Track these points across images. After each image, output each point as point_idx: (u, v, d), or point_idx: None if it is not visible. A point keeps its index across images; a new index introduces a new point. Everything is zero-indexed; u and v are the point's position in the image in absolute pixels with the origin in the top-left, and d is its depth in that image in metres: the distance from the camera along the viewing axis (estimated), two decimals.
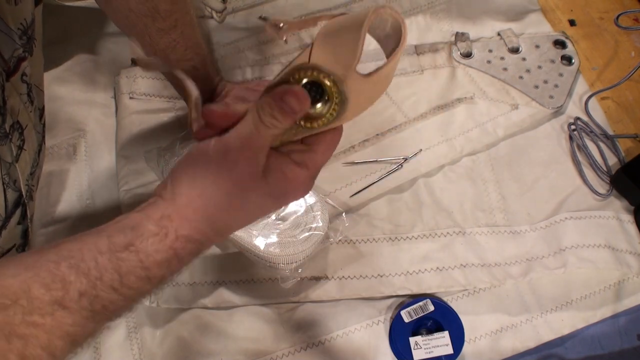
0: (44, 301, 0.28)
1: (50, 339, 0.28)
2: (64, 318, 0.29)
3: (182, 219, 0.32)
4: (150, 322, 0.54)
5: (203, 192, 0.32)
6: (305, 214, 0.55)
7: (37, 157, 0.53)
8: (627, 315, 0.57)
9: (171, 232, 0.32)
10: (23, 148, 0.48)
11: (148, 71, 0.64)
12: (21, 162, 0.48)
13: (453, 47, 0.70)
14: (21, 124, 0.47)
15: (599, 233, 0.59)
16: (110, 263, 0.30)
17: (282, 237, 0.53)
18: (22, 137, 0.47)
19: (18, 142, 0.47)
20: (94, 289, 0.30)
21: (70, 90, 0.66)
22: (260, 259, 0.53)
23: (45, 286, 0.28)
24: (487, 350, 0.55)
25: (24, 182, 0.49)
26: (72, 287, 0.29)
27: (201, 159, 0.33)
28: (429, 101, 0.67)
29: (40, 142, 0.54)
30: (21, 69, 0.46)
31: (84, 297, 0.29)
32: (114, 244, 0.31)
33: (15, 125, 0.46)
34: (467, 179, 0.63)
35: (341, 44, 0.32)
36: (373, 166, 0.62)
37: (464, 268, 0.57)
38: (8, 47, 0.44)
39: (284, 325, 0.55)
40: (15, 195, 0.47)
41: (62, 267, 0.29)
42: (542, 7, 0.77)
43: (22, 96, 0.47)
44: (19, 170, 0.47)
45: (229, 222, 0.34)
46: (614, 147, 0.66)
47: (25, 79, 0.48)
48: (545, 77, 0.69)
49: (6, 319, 0.27)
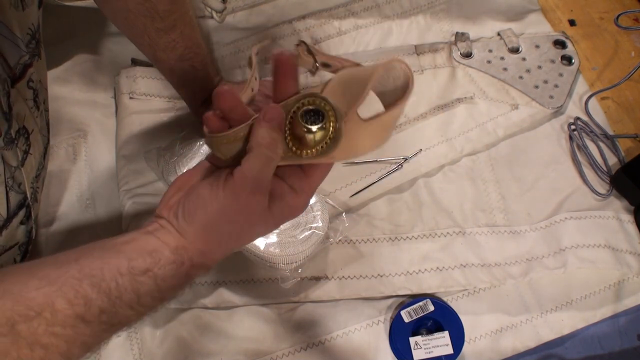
0: (67, 315, 0.30)
1: (69, 348, 0.31)
2: (84, 330, 0.31)
3: (196, 250, 0.35)
4: (150, 322, 0.54)
5: (216, 230, 0.35)
6: (305, 214, 0.55)
7: (43, 159, 0.53)
8: (627, 315, 0.57)
9: (186, 260, 0.35)
10: (29, 152, 0.48)
11: None
12: (27, 166, 0.48)
13: (453, 47, 0.70)
14: (27, 129, 0.47)
15: (599, 233, 0.59)
16: (130, 285, 0.33)
17: (282, 237, 0.53)
18: (29, 142, 0.48)
19: (24, 146, 0.47)
20: (114, 307, 0.32)
21: (71, 91, 0.66)
22: (260, 259, 0.53)
23: (69, 301, 0.31)
24: (487, 350, 0.55)
25: (29, 185, 0.49)
26: (94, 304, 0.31)
27: (214, 201, 0.34)
28: (429, 101, 0.67)
29: (45, 145, 0.54)
30: (27, 75, 0.47)
31: (104, 313, 0.32)
32: (134, 267, 0.33)
33: (21, 130, 0.46)
34: (467, 179, 0.63)
35: (350, 88, 0.34)
36: (373, 166, 0.62)
37: (464, 268, 0.57)
38: (14, 54, 0.44)
39: (284, 325, 0.55)
40: (20, 198, 0.47)
41: (85, 285, 0.31)
42: (542, 7, 0.77)
43: (28, 102, 0.48)
44: (24, 174, 0.47)
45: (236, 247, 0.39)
46: (614, 147, 0.66)
47: (31, 85, 0.48)
48: (545, 77, 0.69)
49: (31, 329, 0.29)
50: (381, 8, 0.75)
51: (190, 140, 0.59)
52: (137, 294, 0.33)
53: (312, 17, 0.73)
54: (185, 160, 0.58)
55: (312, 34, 0.72)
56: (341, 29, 0.73)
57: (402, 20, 0.74)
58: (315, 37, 0.72)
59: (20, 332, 0.29)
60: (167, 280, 0.34)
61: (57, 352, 0.30)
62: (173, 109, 0.64)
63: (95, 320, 0.31)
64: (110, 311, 0.32)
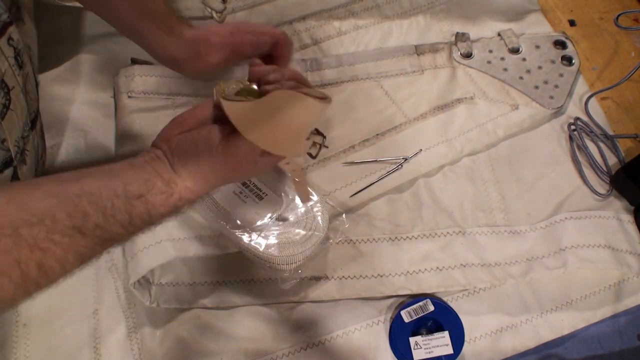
0: (66, 225, 0.34)
1: (64, 255, 0.34)
2: (79, 241, 0.34)
3: (185, 187, 0.39)
4: (150, 322, 0.54)
5: (205, 175, 0.40)
6: (305, 214, 0.55)
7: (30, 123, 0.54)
8: (627, 315, 0.57)
9: (176, 193, 0.39)
10: (9, 108, 0.49)
11: None
12: (7, 121, 0.48)
13: (453, 48, 0.70)
14: (7, 83, 0.48)
15: (599, 233, 0.59)
16: (124, 206, 0.36)
17: (282, 237, 0.53)
18: (9, 97, 0.49)
19: (3, 100, 0.48)
20: (108, 224, 0.35)
21: (70, 90, 0.66)
22: (260, 260, 0.53)
23: (68, 214, 0.34)
24: (487, 350, 0.55)
25: (13, 143, 0.49)
26: (90, 219, 0.35)
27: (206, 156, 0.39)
28: (429, 101, 0.67)
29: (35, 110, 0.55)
30: (7, 33, 0.49)
31: (99, 228, 0.35)
32: (129, 192, 0.37)
33: (0, 83, 0.47)
34: (467, 179, 0.63)
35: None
36: (373, 166, 0.62)
37: (464, 268, 0.57)
38: None
39: (284, 325, 0.55)
40: (4, 155, 0.48)
41: (84, 201, 0.35)
42: (542, 7, 0.77)
43: (9, 59, 0.49)
44: (6, 130, 0.48)
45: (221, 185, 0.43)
46: (614, 147, 0.66)
47: (12, 43, 0.49)
48: (546, 77, 0.69)
49: (32, 233, 0.32)
50: (381, 8, 0.75)
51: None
52: (130, 215, 0.37)
53: (312, 18, 0.73)
54: None
55: (312, 35, 0.72)
56: (341, 29, 0.73)
57: (402, 20, 0.74)
58: (315, 37, 0.72)
59: (22, 234, 0.32)
60: (157, 207, 0.38)
61: (53, 257, 0.33)
62: (172, 105, 0.64)
63: (90, 234, 0.35)
64: (104, 227, 0.35)
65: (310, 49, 0.72)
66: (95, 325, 0.54)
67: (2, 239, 0.31)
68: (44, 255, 0.33)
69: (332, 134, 0.65)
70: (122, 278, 0.56)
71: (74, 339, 0.53)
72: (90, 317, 0.54)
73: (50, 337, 0.53)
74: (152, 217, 0.38)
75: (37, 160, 0.56)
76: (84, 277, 0.56)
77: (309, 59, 0.70)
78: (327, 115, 0.66)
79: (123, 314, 0.54)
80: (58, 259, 0.33)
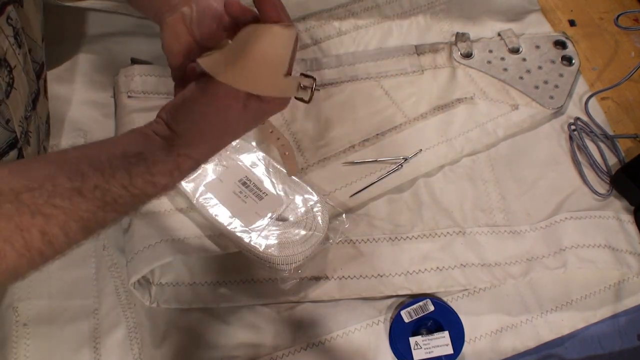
0: (66, 188, 0.33)
1: (66, 220, 0.33)
2: (80, 204, 0.34)
3: (183, 141, 0.39)
4: (150, 322, 0.54)
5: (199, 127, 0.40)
6: (305, 214, 0.55)
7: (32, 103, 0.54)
8: (627, 315, 0.57)
9: (175, 148, 0.39)
10: (13, 86, 0.49)
11: None
12: (12, 100, 0.48)
13: (453, 48, 0.70)
14: (9, 62, 0.48)
15: (599, 233, 0.59)
16: (122, 165, 0.36)
17: (282, 238, 0.53)
18: (12, 75, 0.49)
19: (7, 78, 0.48)
20: (107, 184, 0.35)
21: (70, 90, 0.66)
22: (260, 260, 0.53)
23: (68, 177, 0.34)
24: (487, 350, 0.55)
25: (18, 124, 0.50)
26: (90, 180, 0.34)
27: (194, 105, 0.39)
28: (429, 101, 0.67)
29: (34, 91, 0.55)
30: (6, 12, 0.49)
31: (98, 189, 0.35)
32: (127, 151, 0.37)
33: (2, 62, 0.47)
34: (467, 179, 0.63)
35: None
36: (373, 166, 0.62)
37: (464, 268, 0.57)
38: None
39: (284, 325, 0.55)
40: (9, 136, 0.48)
41: (83, 164, 0.35)
42: (542, 7, 0.77)
43: (9, 38, 0.49)
44: (11, 109, 0.48)
45: (220, 144, 0.42)
46: (614, 147, 0.66)
47: (10, 22, 0.49)
48: (546, 77, 0.69)
49: (33, 199, 0.32)
50: (381, 8, 0.75)
51: None
52: (129, 174, 0.36)
53: (312, 18, 0.73)
54: None
55: (312, 35, 0.72)
56: (341, 29, 0.73)
57: (402, 20, 0.74)
58: (315, 37, 0.72)
59: (24, 200, 0.32)
60: (157, 165, 0.38)
61: (55, 223, 0.33)
62: None
63: (90, 195, 0.34)
64: (103, 187, 0.35)
65: (310, 49, 0.72)
66: (95, 325, 0.54)
67: (4, 205, 0.31)
68: (47, 221, 0.32)
69: (332, 134, 0.65)
70: (122, 278, 0.56)
71: (74, 339, 0.53)
72: (90, 317, 0.54)
73: (50, 337, 0.53)
74: (154, 176, 0.38)
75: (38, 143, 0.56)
76: (84, 277, 0.56)
77: (309, 59, 0.70)
78: (327, 114, 0.66)
79: (123, 314, 0.54)
80: (61, 226, 0.33)
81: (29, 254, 0.32)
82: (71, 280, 0.55)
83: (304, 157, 0.63)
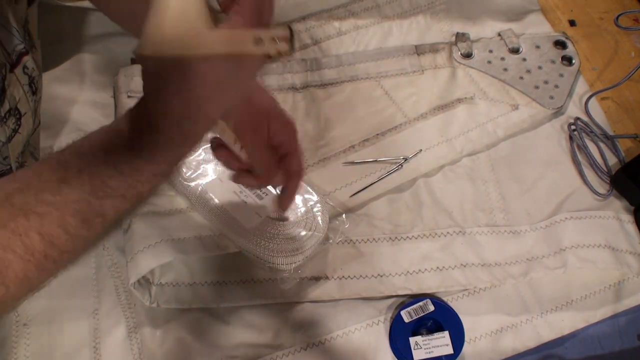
0: (52, 180, 0.32)
1: (62, 216, 0.32)
2: (69, 195, 0.32)
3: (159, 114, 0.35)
4: (150, 322, 0.54)
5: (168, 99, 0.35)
6: (305, 214, 0.55)
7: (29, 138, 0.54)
8: (627, 315, 0.57)
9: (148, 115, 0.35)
10: (18, 131, 0.50)
11: None
12: (14, 143, 0.49)
13: (453, 48, 0.70)
14: (20, 110, 0.49)
15: (599, 233, 0.59)
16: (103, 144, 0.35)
17: (282, 238, 0.53)
18: (19, 122, 0.49)
19: (14, 125, 0.49)
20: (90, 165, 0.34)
21: (70, 90, 0.66)
22: (260, 260, 0.53)
23: (53, 170, 0.33)
24: (487, 350, 0.55)
25: (15, 160, 0.50)
26: (71, 165, 0.33)
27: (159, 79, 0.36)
28: (429, 101, 0.67)
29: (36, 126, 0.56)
30: (22, 62, 0.50)
31: (83, 172, 0.33)
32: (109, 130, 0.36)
33: (13, 111, 0.48)
34: (467, 179, 0.63)
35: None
36: (373, 166, 0.62)
37: (464, 268, 0.57)
38: (10, 42, 0.48)
39: (284, 325, 0.55)
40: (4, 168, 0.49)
41: (65, 154, 0.34)
42: (542, 7, 0.77)
43: (24, 86, 0.50)
44: (10, 150, 0.49)
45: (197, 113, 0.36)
46: (614, 147, 0.66)
47: (26, 72, 0.50)
48: (546, 77, 0.69)
49: (24, 199, 0.31)
50: (381, 8, 0.75)
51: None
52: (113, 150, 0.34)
53: (312, 18, 0.73)
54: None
55: (312, 35, 0.72)
56: (341, 29, 0.73)
57: (402, 20, 0.74)
58: (315, 37, 0.72)
59: (15, 203, 0.31)
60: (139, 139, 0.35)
61: (52, 220, 0.32)
62: None
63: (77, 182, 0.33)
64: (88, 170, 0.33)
65: (310, 49, 0.72)
66: (95, 325, 0.54)
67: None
68: (42, 220, 0.31)
69: (332, 134, 0.65)
70: (122, 278, 0.56)
71: (74, 339, 0.53)
72: (90, 317, 0.54)
73: (50, 337, 0.53)
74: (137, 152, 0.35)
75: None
76: (84, 277, 0.56)
77: (309, 59, 0.70)
78: (327, 114, 0.66)
79: (123, 314, 0.54)
80: (58, 223, 0.32)
81: (33, 258, 0.31)
82: (71, 280, 0.55)
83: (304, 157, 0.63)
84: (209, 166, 0.58)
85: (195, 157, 0.58)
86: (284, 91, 0.68)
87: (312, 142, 0.64)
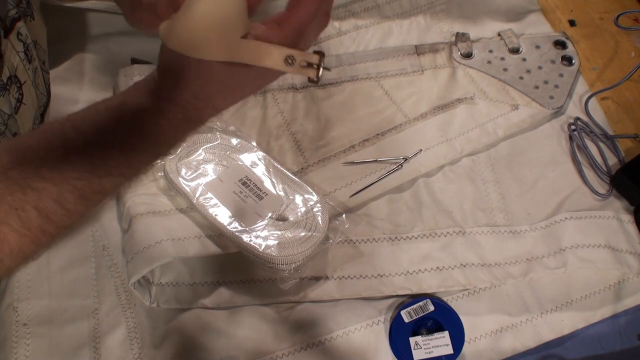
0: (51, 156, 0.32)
1: (59, 192, 0.31)
2: (69, 172, 0.32)
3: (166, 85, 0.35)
4: (150, 322, 0.54)
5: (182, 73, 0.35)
6: (305, 214, 0.55)
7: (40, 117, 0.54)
8: (627, 315, 0.57)
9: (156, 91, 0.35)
10: (22, 102, 0.49)
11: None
12: (21, 115, 0.48)
13: (453, 48, 0.70)
14: (19, 79, 0.48)
15: (599, 233, 0.59)
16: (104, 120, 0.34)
17: (282, 238, 0.53)
18: (21, 91, 0.49)
19: (17, 94, 0.48)
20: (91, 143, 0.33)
21: (70, 90, 0.66)
22: (260, 260, 0.53)
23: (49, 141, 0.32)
24: (487, 350, 0.55)
25: None
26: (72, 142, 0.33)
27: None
28: (429, 101, 0.67)
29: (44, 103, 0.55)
30: (16, 28, 0.49)
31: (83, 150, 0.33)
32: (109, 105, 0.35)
33: (13, 78, 0.47)
34: (467, 179, 0.63)
35: None
36: (373, 166, 0.62)
37: (464, 268, 0.57)
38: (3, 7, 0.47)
39: (284, 325, 0.55)
40: None
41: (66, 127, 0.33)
42: (542, 8, 0.77)
43: (20, 54, 0.49)
44: (19, 123, 0.48)
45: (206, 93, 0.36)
46: (614, 147, 0.66)
47: (21, 38, 0.49)
48: (546, 77, 0.69)
49: (21, 173, 0.31)
50: (381, 8, 0.75)
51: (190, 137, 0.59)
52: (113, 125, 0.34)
53: None
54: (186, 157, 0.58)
55: None
56: (341, 29, 0.73)
57: (402, 20, 0.74)
58: None
59: (12, 177, 0.31)
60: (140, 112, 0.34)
61: (49, 196, 0.31)
62: None
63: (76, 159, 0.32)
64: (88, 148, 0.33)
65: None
66: (95, 325, 0.54)
67: None
68: (39, 196, 0.31)
69: (332, 133, 0.65)
70: (122, 278, 0.56)
71: (74, 339, 0.53)
72: (90, 317, 0.54)
73: (50, 337, 0.53)
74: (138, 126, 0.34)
75: None
76: (84, 277, 0.56)
77: None
78: (327, 114, 0.66)
79: (123, 314, 0.54)
80: (55, 199, 0.31)
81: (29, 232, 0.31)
82: (71, 280, 0.55)
83: (304, 157, 0.63)
84: (209, 166, 0.58)
85: (196, 157, 0.58)
86: (284, 91, 0.68)
87: (312, 142, 0.64)
